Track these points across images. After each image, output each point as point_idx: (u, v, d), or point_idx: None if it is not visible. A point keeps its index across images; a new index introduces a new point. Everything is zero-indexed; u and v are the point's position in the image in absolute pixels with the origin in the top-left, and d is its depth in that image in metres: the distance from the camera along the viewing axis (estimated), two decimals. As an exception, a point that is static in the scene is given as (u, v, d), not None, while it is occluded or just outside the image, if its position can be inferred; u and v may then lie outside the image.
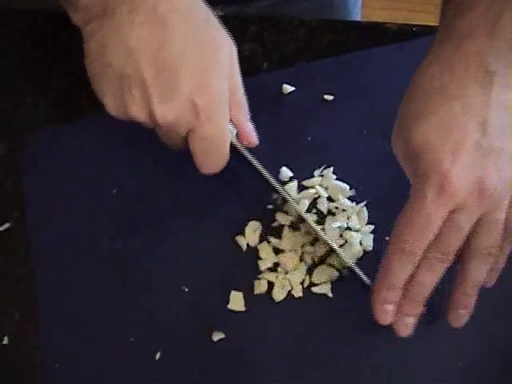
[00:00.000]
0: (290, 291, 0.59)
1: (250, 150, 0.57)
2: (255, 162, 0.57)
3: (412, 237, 0.50)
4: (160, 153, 0.64)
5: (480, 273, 0.53)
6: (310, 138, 0.65)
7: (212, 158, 0.54)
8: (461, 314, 0.55)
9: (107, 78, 0.52)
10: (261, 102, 0.64)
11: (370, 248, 0.61)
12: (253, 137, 0.56)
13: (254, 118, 0.57)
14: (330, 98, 0.66)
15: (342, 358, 0.58)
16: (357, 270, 0.57)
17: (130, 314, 0.59)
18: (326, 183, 0.63)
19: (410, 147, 0.52)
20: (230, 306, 0.59)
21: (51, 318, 0.60)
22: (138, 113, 0.52)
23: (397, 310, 0.53)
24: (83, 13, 0.53)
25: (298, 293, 0.59)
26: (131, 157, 0.65)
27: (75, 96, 0.68)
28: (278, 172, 0.63)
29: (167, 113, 0.51)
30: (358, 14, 0.95)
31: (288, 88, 0.66)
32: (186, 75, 0.50)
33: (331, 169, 0.63)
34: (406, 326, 0.54)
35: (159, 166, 0.65)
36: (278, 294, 0.59)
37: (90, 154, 0.66)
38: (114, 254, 0.61)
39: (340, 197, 0.62)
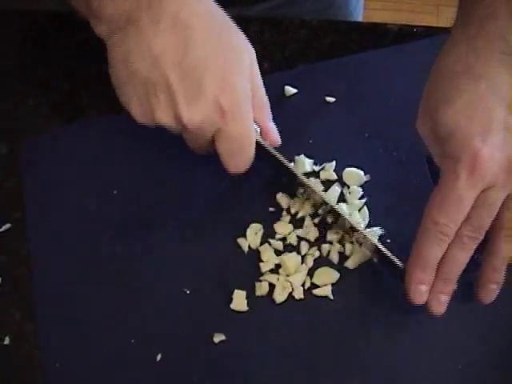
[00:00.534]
0: (290, 293, 0.59)
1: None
2: (281, 158, 0.58)
3: (445, 217, 0.52)
4: (161, 154, 0.65)
5: (503, 248, 0.55)
6: (311, 141, 0.65)
7: (239, 157, 0.55)
8: (491, 290, 0.56)
9: (133, 85, 0.53)
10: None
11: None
12: (276, 136, 0.58)
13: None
14: (331, 99, 0.66)
15: (342, 359, 0.58)
16: (388, 253, 0.57)
17: (131, 314, 0.59)
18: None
19: (439, 129, 0.53)
20: (232, 306, 0.59)
21: (51, 318, 0.59)
22: (164, 117, 0.53)
23: (430, 289, 0.54)
24: (107, 25, 0.53)
25: (299, 295, 0.59)
26: (131, 158, 0.65)
27: (76, 96, 0.68)
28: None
29: (194, 115, 0.52)
30: (359, 15, 0.95)
31: (290, 90, 0.66)
32: (210, 78, 0.51)
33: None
34: (441, 304, 0.54)
35: (160, 168, 0.64)
36: (279, 296, 0.59)
37: (91, 155, 0.65)
38: (115, 255, 0.61)
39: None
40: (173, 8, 0.51)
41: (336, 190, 0.62)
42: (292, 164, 0.59)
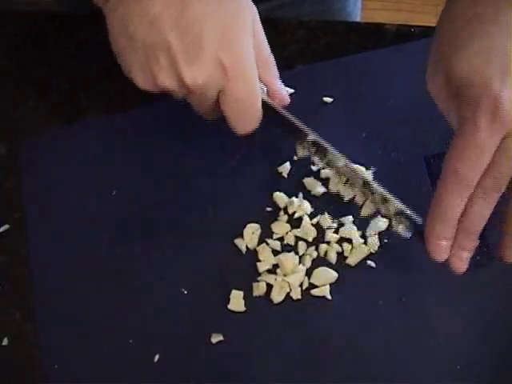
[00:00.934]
0: (288, 293, 0.59)
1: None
2: (290, 116, 0.56)
3: (466, 168, 0.48)
4: (160, 155, 0.64)
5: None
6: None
7: (245, 117, 0.54)
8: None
9: (133, 50, 0.51)
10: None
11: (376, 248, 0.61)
12: (284, 95, 0.56)
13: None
14: (329, 100, 0.66)
15: (340, 360, 0.57)
16: (408, 211, 0.54)
17: (129, 315, 0.59)
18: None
19: (453, 78, 0.50)
20: (230, 306, 0.58)
21: (51, 319, 0.59)
22: (167, 80, 0.51)
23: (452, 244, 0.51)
24: None
25: (296, 295, 0.59)
26: (131, 158, 0.65)
27: (75, 96, 0.68)
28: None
29: (196, 75, 0.50)
30: (357, 16, 0.94)
31: (287, 90, 0.65)
32: (209, 35, 0.50)
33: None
34: (462, 261, 0.51)
35: (159, 168, 0.64)
36: (277, 296, 0.58)
37: (90, 156, 0.65)
38: (113, 256, 0.61)
39: None
40: None
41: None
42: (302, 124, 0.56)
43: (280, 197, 0.62)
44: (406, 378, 0.57)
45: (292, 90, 0.66)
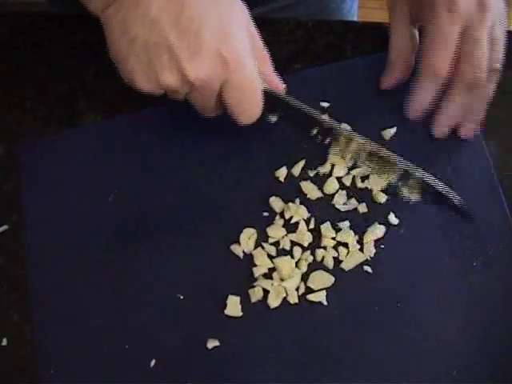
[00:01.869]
0: (285, 298, 0.58)
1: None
2: (292, 99, 0.58)
3: (437, 56, 0.57)
4: (159, 157, 0.64)
5: (490, 89, 0.60)
6: (306, 146, 0.63)
7: (247, 106, 0.56)
8: (473, 128, 0.62)
9: (134, 54, 0.53)
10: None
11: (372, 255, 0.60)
12: (280, 84, 0.59)
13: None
14: (326, 105, 0.65)
15: (337, 365, 0.56)
16: (431, 180, 0.59)
17: (126, 320, 0.58)
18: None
19: None
20: (227, 312, 0.58)
21: (47, 324, 0.59)
22: (170, 79, 0.53)
23: (435, 121, 0.62)
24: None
25: (293, 299, 0.58)
26: (130, 160, 0.64)
27: (74, 97, 0.67)
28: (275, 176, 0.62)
29: (199, 70, 0.52)
30: (354, 16, 0.94)
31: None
32: (208, 31, 0.51)
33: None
34: (444, 133, 0.62)
35: (157, 171, 0.63)
36: (273, 301, 0.57)
37: (89, 157, 0.64)
38: (110, 262, 0.60)
39: None
40: None
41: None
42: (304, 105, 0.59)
43: (276, 202, 0.61)
44: (403, 382, 0.56)
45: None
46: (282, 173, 0.62)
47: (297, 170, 0.62)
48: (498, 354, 0.57)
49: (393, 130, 0.63)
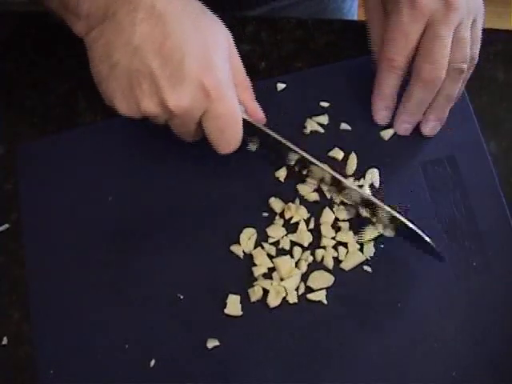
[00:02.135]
0: (284, 297, 0.58)
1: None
2: (269, 131, 0.57)
3: (395, 52, 0.58)
4: (158, 159, 0.63)
5: (453, 88, 0.59)
6: (305, 146, 0.61)
7: (227, 136, 0.55)
8: (434, 126, 0.62)
9: (116, 78, 0.53)
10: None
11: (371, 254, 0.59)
12: (261, 114, 0.59)
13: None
14: (325, 105, 0.64)
15: (337, 365, 0.56)
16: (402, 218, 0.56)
17: (125, 320, 0.58)
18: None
19: None
20: (226, 311, 0.57)
21: (46, 325, 0.58)
22: (150, 106, 0.52)
23: (397, 117, 0.62)
24: (85, 21, 0.54)
25: (292, 299, 0.58)
26: (129, 162, 0.63)
27: (73, 98, 0.67)
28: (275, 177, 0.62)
29: (180, 99, 0.52)
30: (354, 17, 0.94)
31: (280, 86, 0.65)
32: (190, 61, 0.51)
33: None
34: (406, 130, 0.63)
35: (157, 173, 0.63)
36: (273, 301, 0.57)
37: (88, 159, 0.64)
38: (110, 262, 0.60)
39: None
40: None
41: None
42: (281, 137, 0.58)
43: (276, 202, 0.61)
44: (402, 383, 0.56)
45: (283, 85, 0.65)
46: (281, 173, 0.62)
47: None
48: (497, 354, 0.56)
49: (392, 131, 0.63)
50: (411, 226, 0.55)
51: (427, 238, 0.55)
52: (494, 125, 0.65)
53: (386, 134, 0.63)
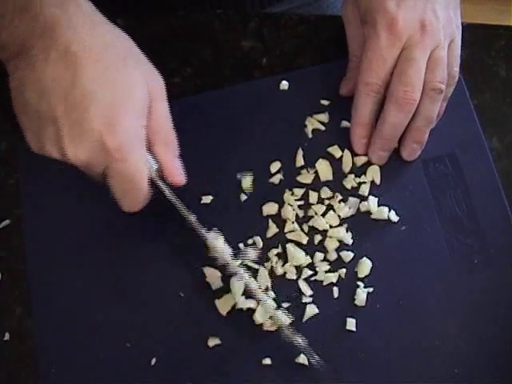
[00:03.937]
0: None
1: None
2: (174, 199, 0.54)
3: (373, 76, 0.57)
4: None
5: (431, 109, 0.57)
6: (306, 144, 0.61)
7: (131, 197, 0.52)
8: (414, 149, 0.59)
9: (27, 114, 0.51)
10: (257, 106, 0.62)
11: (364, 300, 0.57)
12: (179, 175, 0.54)
13: (251, 120, 0.57)
14: (326, 102, 0.63)
15: (338, 365, 0.55)
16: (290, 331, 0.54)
17: (126, 319, 0.57)
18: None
19: (359, 6, 0.59)
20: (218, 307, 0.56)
21: (47, 324, 0.57)
22: (52, 151, 0.50)
23: (371, 145, 0.59)
24: (4, 51, 0.50)
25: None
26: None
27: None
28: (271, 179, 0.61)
29: (77, 152, 0.49)
30: None
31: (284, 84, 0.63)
32: (95, 115, 0.48)
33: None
34: (380, 158, 0.60)
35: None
36: (260, 318, 0.55)
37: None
38: (112, 260, 0.59)
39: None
40: (65, 38, 0.48)
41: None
42: (186, 211, 0.55)
43: (271, 206, 0.60)
44: (404, 380, 0.55)
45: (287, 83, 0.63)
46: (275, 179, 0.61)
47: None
48: (499, 351, 0.56)
49: None
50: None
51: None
52: (496, 121, 0.63)
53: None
